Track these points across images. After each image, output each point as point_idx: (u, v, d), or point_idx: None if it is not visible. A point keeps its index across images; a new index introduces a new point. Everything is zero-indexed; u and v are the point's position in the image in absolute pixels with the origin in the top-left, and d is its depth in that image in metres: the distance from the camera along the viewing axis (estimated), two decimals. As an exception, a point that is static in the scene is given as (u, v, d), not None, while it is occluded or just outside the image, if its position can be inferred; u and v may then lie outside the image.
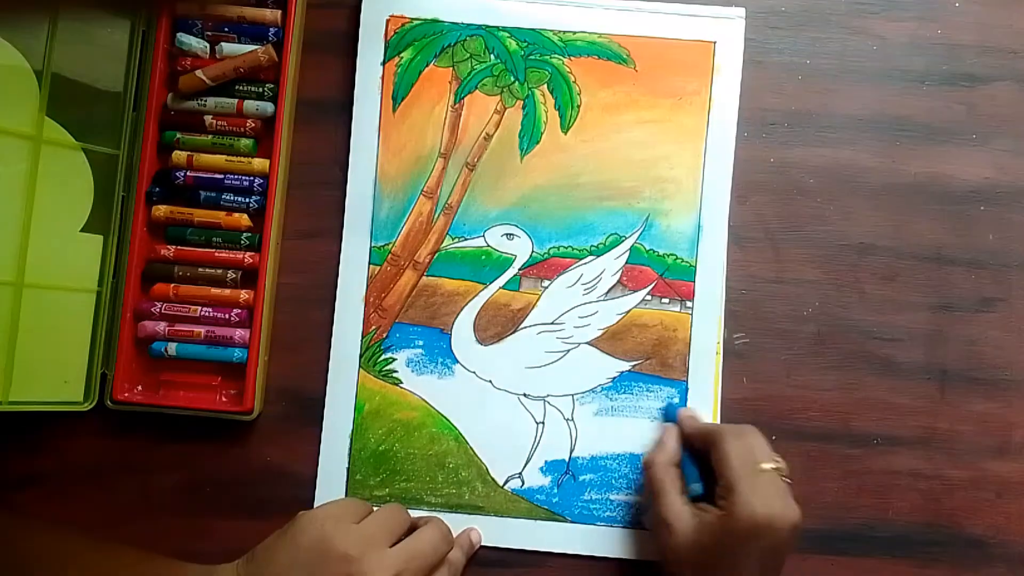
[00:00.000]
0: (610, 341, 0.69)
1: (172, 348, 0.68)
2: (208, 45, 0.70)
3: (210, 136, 0.70)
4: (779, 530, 0.57)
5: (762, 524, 0.57)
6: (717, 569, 0.59)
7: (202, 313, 0.69)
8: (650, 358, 0.69)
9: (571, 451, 0.69)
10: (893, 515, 0.69)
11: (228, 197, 0.69)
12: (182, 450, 0.69)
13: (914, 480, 0.69)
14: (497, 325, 0.70)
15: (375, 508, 0.63)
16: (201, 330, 0.68)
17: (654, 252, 0.70)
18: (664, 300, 0.70)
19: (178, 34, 0.69)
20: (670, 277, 0.70)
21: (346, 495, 0.68)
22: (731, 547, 0.58)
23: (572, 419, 0.69)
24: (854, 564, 0.69)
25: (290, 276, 0.71)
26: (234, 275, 0.69)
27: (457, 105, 0.71)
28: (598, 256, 0.70)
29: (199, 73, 0.68)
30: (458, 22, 0.72)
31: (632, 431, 0.69)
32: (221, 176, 0.69)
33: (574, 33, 0.71)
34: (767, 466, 0.60)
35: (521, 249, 0.70)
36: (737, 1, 0.71)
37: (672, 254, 0.70)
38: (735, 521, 0.57)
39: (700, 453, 0.64)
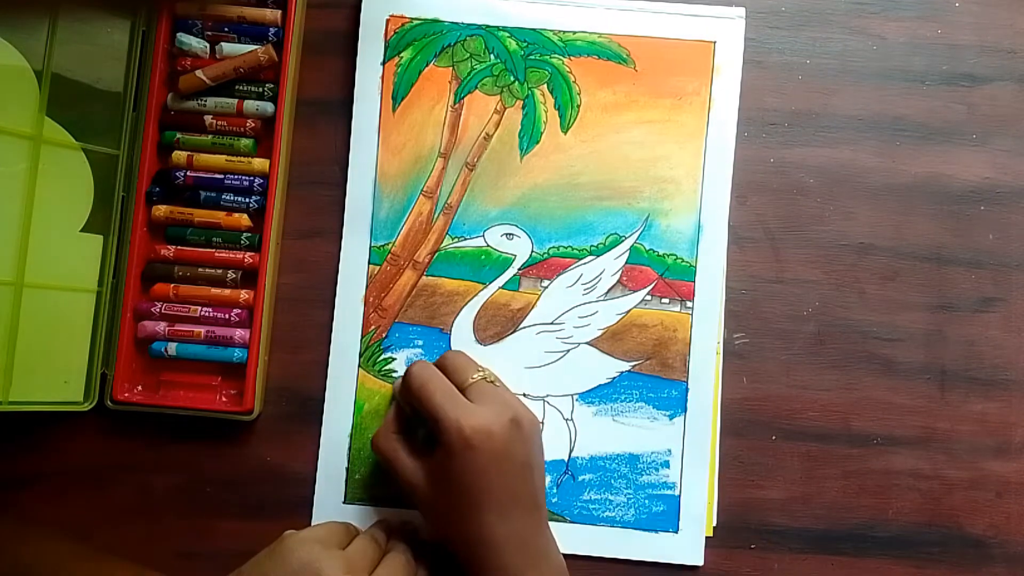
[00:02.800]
0: (610, 341, 0.69)
1: (172, 348, 0.68)
2: (208, 45, 0.70)
3: (210, 136, 0.70)
4: (497, 433, 0.58)
5: (475, 434, 0.57)
6: (462, 500, 0.59)
7: (202, 313, 0.69)
8: (650, 358, 0.69)
9: (570, 451, 0.69)
10: (893, 515, 0.69)
11: (228, 197, 0.69)
12: (182, 450, 0.69)
13: (914, 480, 0.69)
14: (497, 325, 0.70)
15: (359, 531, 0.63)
16: (201, 330, 0.68)
17: (654, 252, 0.70)
18: (664, 300, 0.70)
19: (178, 34, 0.69)
20: (670, 277, 0.70)
21: (345, 495, 0.68)
22: (458, 472, 0.58)
23: (571, 419, 0.69)
24: (854, 564, 0.69)
25: (290, 276, 0.71)
26: (234, 275, 0.69)
27: (457, 105, 0.71)
28: (598, 256, 0.70)
29: (199, 73, 0.68)
30: (458, 22, 0.72)
31: (632, 431, 0.69)
32: (221, 176, 0.69)
33: (574, 33, 0.71)
34: (471, 379, 0.61)
35: (521, 249, 0.70)
36: (737, 1, 0.71)
37: (672, 254, 0.70)
38: (448, 448, 0.58)
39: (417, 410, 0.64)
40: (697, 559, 0.68)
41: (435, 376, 0.62)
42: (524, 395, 0.69)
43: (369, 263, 0.70)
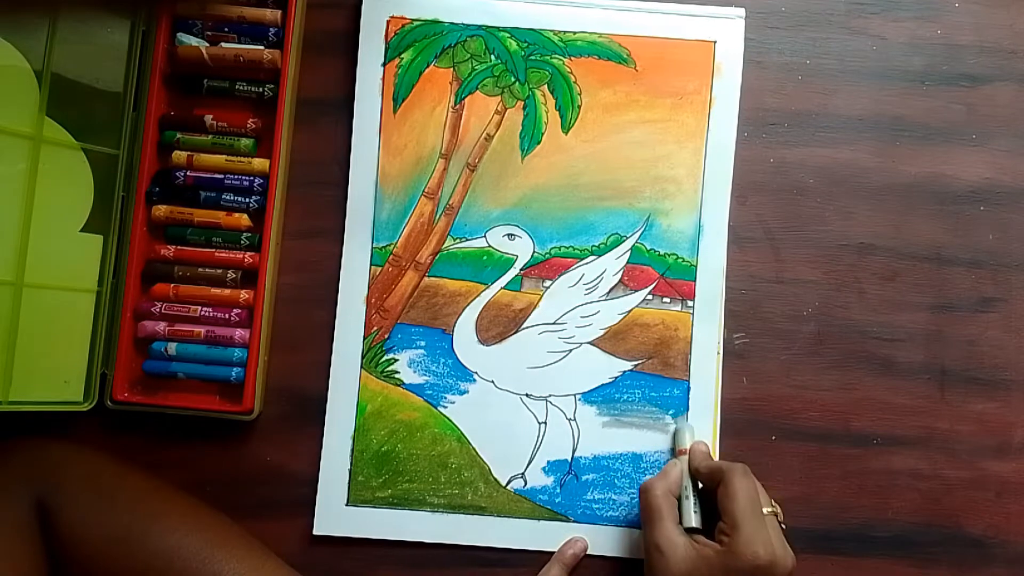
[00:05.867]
0: (612, 341, 0.70)
1: (172, 348, 0.68)
2: (208, 45, 0.70)
3: (210, 136, 0.70)
4: (777, 574, 0.58)
5: (763, 565, 0.57)
6: None
7: (202, 313, 0.69)
8: (652, 357, 0.69)
9: (573, 451, 0.69)
10: (893, 515, 0.69)
11: (228, 197, 0.69)
12: (182, 450, 0.69)
13: (914, 480, 0.69)
14: (499, 325, 0.70)
15: None
16: (201, 330, 0.68)
17: (655, 252, 0.70)
18: (665, 300, 0.70)
19: (178, 34, 0.69)
20: (671, 277, 0.70)
21: (348, 497, 0.68)
22: None
23: (574, 419, 0.69)
24: (854, 564, 0.69)
25: (290, 276, 0.71)
26: (234, 275, 0.69)
27: (458, 106, 0.71)
28: (599, 256, 0.70)
29: (200, 45, 0.68)
30: (458, 22, 0.72)
31: (634, 431, 0.69)
32: (221, 176, 0.69)
33: (574, 33, 0.71)
34: (768, 509, 0.60)
35: (522, 249, 0.70)
36: (737, 1, 0.72)
37: (673, 254, 0.70)
38: (737, 558, 0.57)
39: (704, 488, 0.64)
40: (698, 559, 0.68)
41: (748, 481, 0.61)
42: (527, 395, 0.69)
43: (371, 264, 0.70)
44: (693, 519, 0.63)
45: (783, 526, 0.61)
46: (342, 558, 0.68)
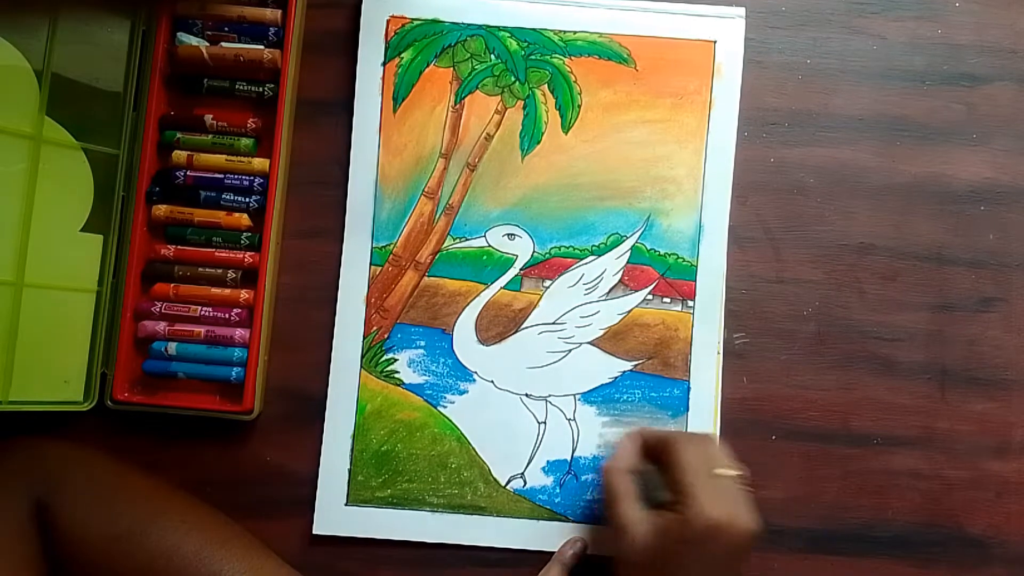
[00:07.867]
0: (612, 341, 0.70)
1: (172, 348, 0.68)
2: (208, 45, 0.70)
3: (210, 136, 0.70)
4: (735, 535, 0.56)
5: (718, 527, 0.56)
6: (667, 573, 0.58)
7: (202, 313, 0.69)
8: (652, 357, 0.69)
9: (573, 451, 0.69)
10: (893, 515, 0.69)
11: (228, 197, 0.69)
12: (182, 450, 0.69)
13: (914, 480, 0.69)
14: (499, 325, 0.70)
15: None
16: (201, 330, 0.68)
17: (655, 252, 0.70)
18: (665, 300, 0.70)
19: (178, 34, 0.69)
20: (671, 277, 0.70)
21: (347, 497, 0.68)
22: (683, 551, 0.57)
23: (574, 419, 0.69)
24: (854, 564, 0.69)
25: (290, 276, 0.71)
26: (234, 275, 0.69)
27: (458, 105, 0.71)
28: (599, 256, 0.70)
29: (200, 45, 0.68)
30: (458, 22, 0.71)
31: (634, 431, 0.69)
32: (221, 176, 0.69)
33: (574, 33, 0.71)
34: (725, 472, 0.59)
35: (522, 249, 0.70)
36: (737, 1, 0.71)
37: (673, 254, 0.70)
38: (690, 524, 0.56)
39: (659, 460, 0.63)
40: (698, 559, 0.68)
41: (695, 447, 0.60)
42: (526, 395, 0.69)
43: (371, 264, 0.70)
44: (661, 494, 0.61)
45: (748, 489, 0.60)
46: (342, 558, 0.68)
